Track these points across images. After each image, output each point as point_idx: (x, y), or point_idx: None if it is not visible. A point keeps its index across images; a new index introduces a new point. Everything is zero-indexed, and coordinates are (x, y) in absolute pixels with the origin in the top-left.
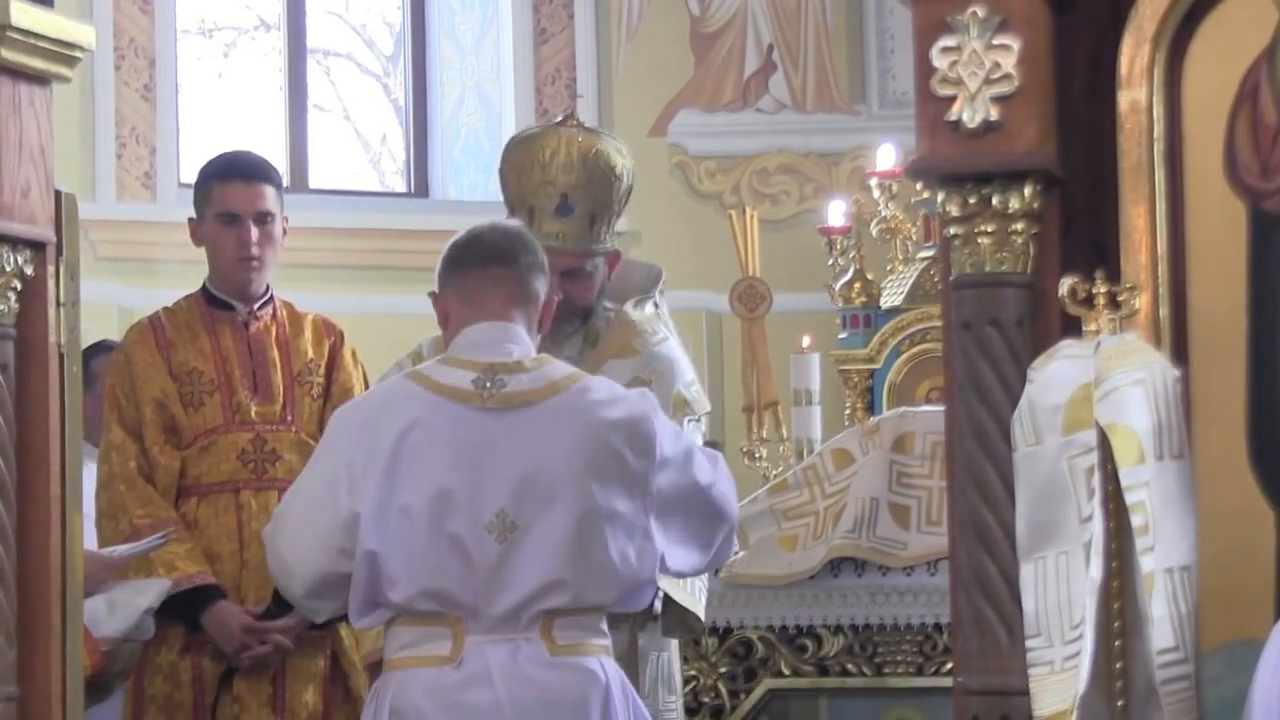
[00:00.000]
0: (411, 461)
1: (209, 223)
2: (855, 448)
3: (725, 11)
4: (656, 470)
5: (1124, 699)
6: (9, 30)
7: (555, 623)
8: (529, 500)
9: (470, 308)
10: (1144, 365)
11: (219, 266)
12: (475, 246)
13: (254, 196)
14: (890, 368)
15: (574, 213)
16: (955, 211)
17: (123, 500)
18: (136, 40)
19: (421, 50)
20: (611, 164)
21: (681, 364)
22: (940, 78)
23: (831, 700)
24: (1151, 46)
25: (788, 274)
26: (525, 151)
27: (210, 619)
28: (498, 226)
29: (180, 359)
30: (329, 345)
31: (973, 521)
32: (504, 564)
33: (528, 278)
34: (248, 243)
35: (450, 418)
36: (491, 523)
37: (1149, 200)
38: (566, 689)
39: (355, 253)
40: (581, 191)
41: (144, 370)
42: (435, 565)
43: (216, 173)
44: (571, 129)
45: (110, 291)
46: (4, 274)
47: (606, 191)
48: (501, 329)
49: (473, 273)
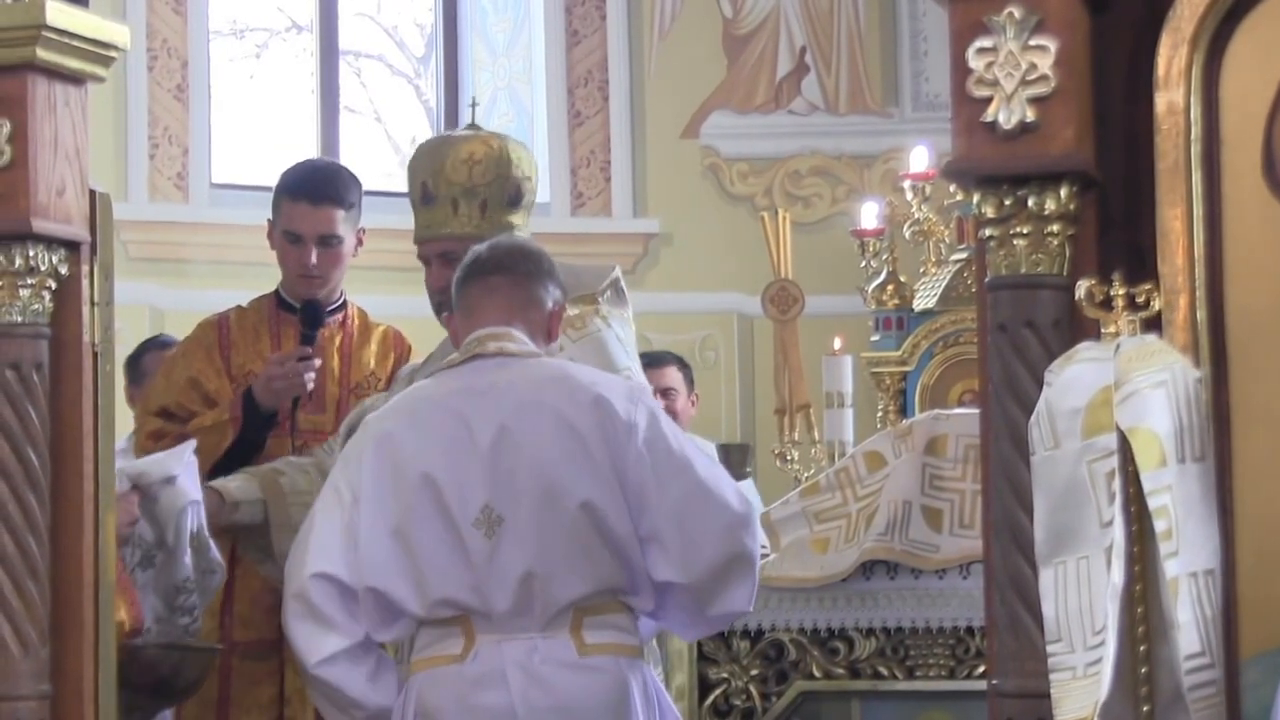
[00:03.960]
0: (394, 469)
1: (277, 233)
2: (888, 450)
3: (758, 13)
4: (635, 453)
5: (1149, 705)
6: (45, 30)
7: (585, 620)
8: (509, 492)
9: (470, 319)
10: (1164, 367)
11: (284, 276)
12: (475, 262)
13: (319, 220)
14: (923, 370)
15: (435, 200)
16: (991, 213)
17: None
18: (169, 41)
19: (453, 52)
20: (465, 153)
21: (612, 350)
22: (976, 79)
23: (863, 703)
24: (1189, 47)
25: (820, 276)
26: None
27: (258, 393)
28: (500, 241)
29: (239, 361)
30: (394, 358)
31: (1007, 524)
32: (494, 559)
33: (527, 284)
34: (307, 263)
35: (428, 406)
36: (478, 519)
37: (1186, 202)
38: (584, 695)
39: (386, 254)
40: (442, 180)
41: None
42: (439, 572)
43: (288, 188)
44: (462, 132)
45: (142, 292)
46: (39, 273)
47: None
48: (495, 329)
49: (472, 285)
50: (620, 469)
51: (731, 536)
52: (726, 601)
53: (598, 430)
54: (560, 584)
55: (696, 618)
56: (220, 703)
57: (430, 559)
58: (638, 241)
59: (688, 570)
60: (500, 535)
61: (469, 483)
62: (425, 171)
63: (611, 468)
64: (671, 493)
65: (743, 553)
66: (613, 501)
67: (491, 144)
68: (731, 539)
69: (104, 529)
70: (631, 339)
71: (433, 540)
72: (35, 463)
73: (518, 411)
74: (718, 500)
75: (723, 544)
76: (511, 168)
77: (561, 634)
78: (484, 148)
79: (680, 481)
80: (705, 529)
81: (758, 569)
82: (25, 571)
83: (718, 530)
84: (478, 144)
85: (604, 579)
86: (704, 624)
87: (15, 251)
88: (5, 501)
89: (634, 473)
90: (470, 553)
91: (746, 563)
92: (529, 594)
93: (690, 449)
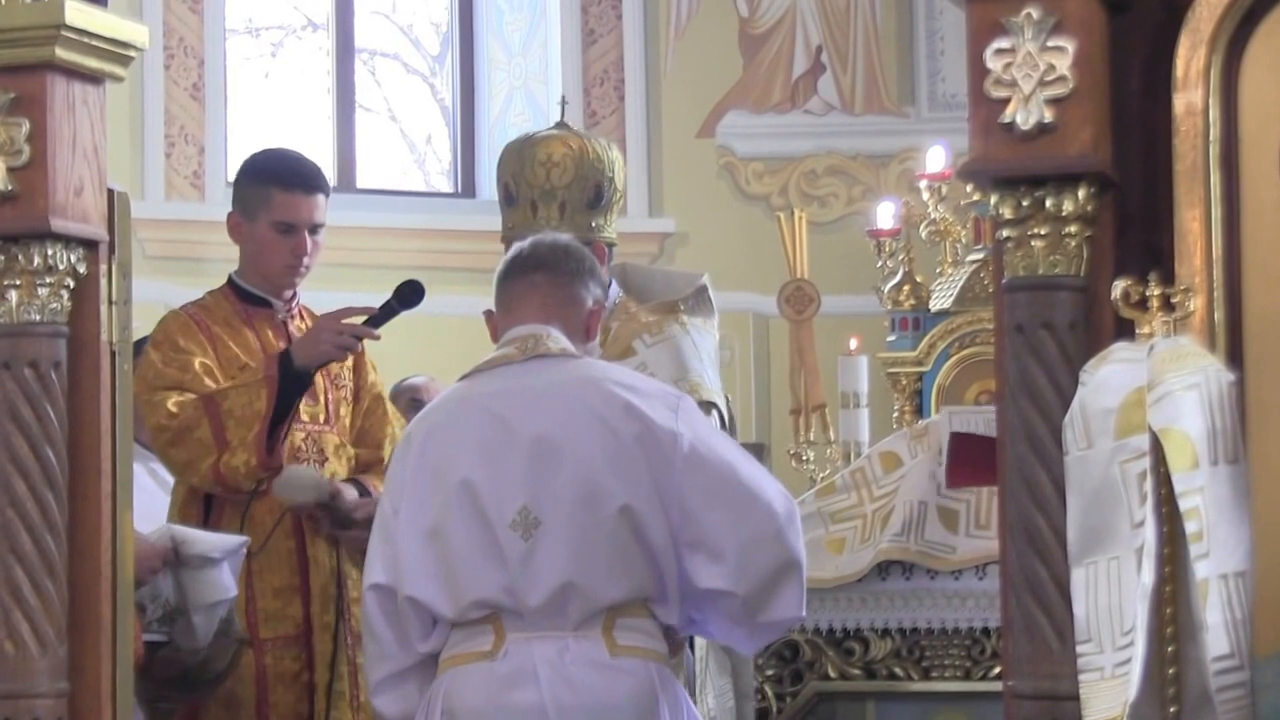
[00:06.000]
0: (434, 470)
1: (260, 225)
2: (903, 451)
3: (774, 13)
4: (679, 461)
5: (1177, 706)
6: (64, 30)
7: (617, 622)
8: (547, 495)
9: (509, 316)
10: (1198, 369)
11: (263, 269)
12: (516, 259)
13: (313, 208)
14: (939, 370)
15: (516, 202)
16: (1008, 214)
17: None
18: (186, 40)
19: (469, 50)
20: (544, 154)
21: (685, 356)
22: (994, 80)
23: (878, 704)
24: (1208, 48)
25: (836, 276)
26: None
27: (300, 350)
28: (543, 238)
29: (228, 354)
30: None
31: (1024, 525)
32: (530, 561)
33: (568, 283)
34: (301, 254)
35: (466, 407)
36: (515, 520)
37: (1204, 203)
38: (613, 696)
39: (402, 253)
40: (522, 182)
41: (194, 348)
42: (472, 574)
43: (280, 179)
44: (546, 131)
45: (158, 290)
46: (57, 272)
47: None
48: (534, 327)
49: (512, 283)
50: (660, 477)
51: (781, 542)
52: (777, 608)
53: (636, 436)
54: (598, 588)
55: (747, 627)
56: (259, 706)
57: (464, 560)
58: (653, 241)
59: (741, 579)
60: (538, 538)
61: (506, 485)
62: (508, 172)
63: (650, 475)
64: (719, 501)
65: (791, 558)
66: (650, 508)
67: (570, 144)
68: (781, 545)
69: (121, 527)
70: (711, 347)
71: (467, 541)
72: (53, 461)
73: (557, 414)
74: (766, 507)
75: (774, 552)
76: (590, 168)
77: (593, 634)
78: (563, 148)
79: (728, 490)
80: (756, 537)
81: (805, 572)
82: (43, 570)
83: (769, 538)
84: (557, 144)
85: (639, 585)
86: (757, 633)
87: (34, 250)
88: (23, 500)
89: (676, 481)
90: (505, 555)
91: (795, 567)
92: (565, 597)
93: (734, 453)
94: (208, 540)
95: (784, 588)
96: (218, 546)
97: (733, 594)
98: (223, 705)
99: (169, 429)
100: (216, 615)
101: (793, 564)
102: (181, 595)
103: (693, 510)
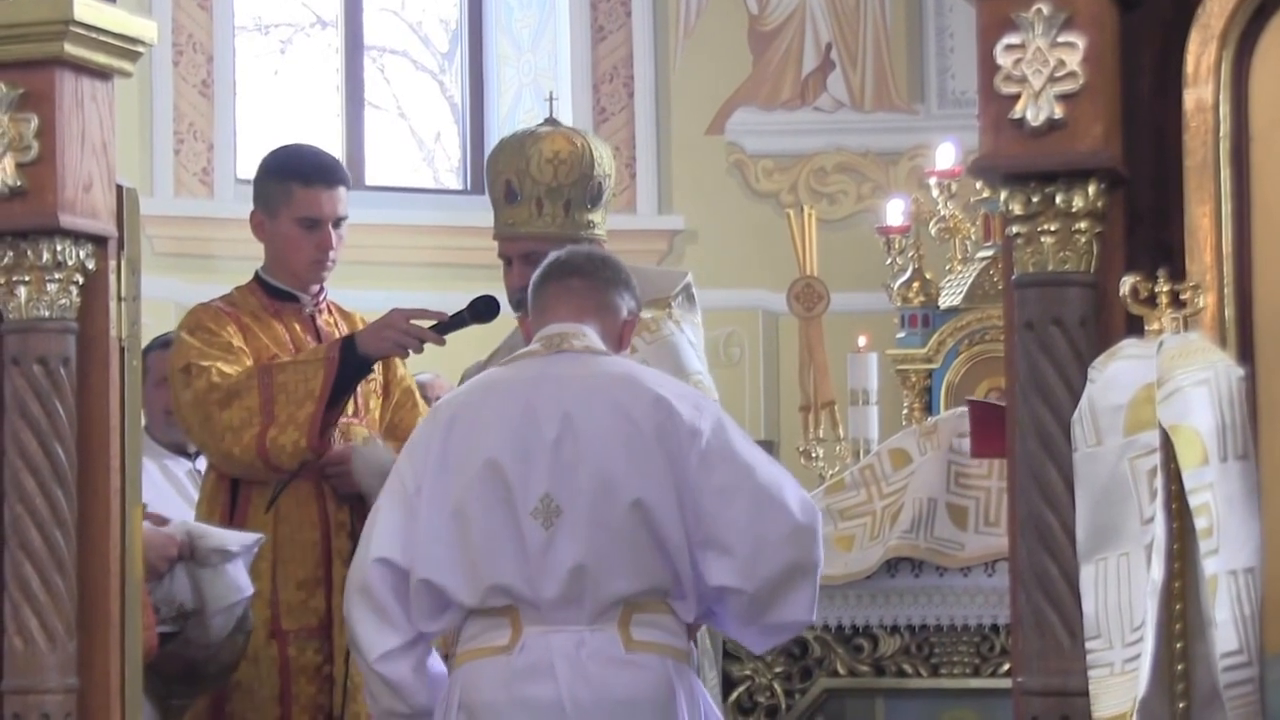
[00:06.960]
0: (460, 449)
1: (283, 221)
2: (913, 447)
3: (783, 9)
4: (697, 458)
5: (1186, 701)
6: (73, 25)
7: (634, 617)
8: (569, 483)
9: (543, 317)
10: (1207, 365)
11: (289, 265)
12: (553, 264)
13: (335, 201)
14: (948, 368)
15: (519, 199)
16: (1018, 210)
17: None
18: (195, 36)
19: (478, 48)
20: (550, 152)
21: (684, 354)
22: (1004, 76)
23: (887, 701)
24: (1218, 44)
25: (845, 273)
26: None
27: (364, 338)
28: (580, 248)
29: (258, 344)
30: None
31: (1034, 522)
32: (549, 550)
33: (603, 289)
34: (327, 248)
35: (495, 393)
36: (537, 508)
37: (1214, 199)
38: (630, 691)
39: (412, 249)
40: (527, 179)
41: (228, 333)
42: (493, 558)
43: (300, 175)
44: (544, 128)
45: (167, 287)
46: (66, 268)
47: (556, 178)
48: (565, 326)
49: (549, 286)
50: (679, 473)
51: (794, 544)
52: (784, 610)
53: (658, 432)
54: (610, 579)
55: (757, 626)
56: (282, 697)
57: (485, 544)
58: (663, 238)
59: (749, 577)
60: (557, 527)
61: (531, 472)
62: (510, 169)
63: (669, 471)
64: (735, 500)
65: (803, 561)
66: (665, 504)
67: (575, 142)
68: (794, 547)
69: (130, 523)
70: (701, 344)
71: (490, 525)
72: (62, 457)
73: (582, 404)
74: (781, 508)
75: (785, 552)
76: (594, 166)
77: (610, 628)
78: (569, 146)
79: (744, 489)
80: (768, 537)
81: (818, 577)
82: (52, 565)
83: (781, 538)
84: (562, 141)
85: (652, 578)
86: (767, 633)
87: (43, 246)
88: (32, 496)
89: (694, 478)
90: (526, 542)
91: (807, 571)
92: (579, 586)
93: (756, 455)
94: (224, 535)
95: (794, 590)
96: (235, 540)
97: (741, 591)
98: (246, 696)
99: (220, 388)
100: (234, 615)
101: (804, 567)
102: (199, 597)
103: (707, 507)
